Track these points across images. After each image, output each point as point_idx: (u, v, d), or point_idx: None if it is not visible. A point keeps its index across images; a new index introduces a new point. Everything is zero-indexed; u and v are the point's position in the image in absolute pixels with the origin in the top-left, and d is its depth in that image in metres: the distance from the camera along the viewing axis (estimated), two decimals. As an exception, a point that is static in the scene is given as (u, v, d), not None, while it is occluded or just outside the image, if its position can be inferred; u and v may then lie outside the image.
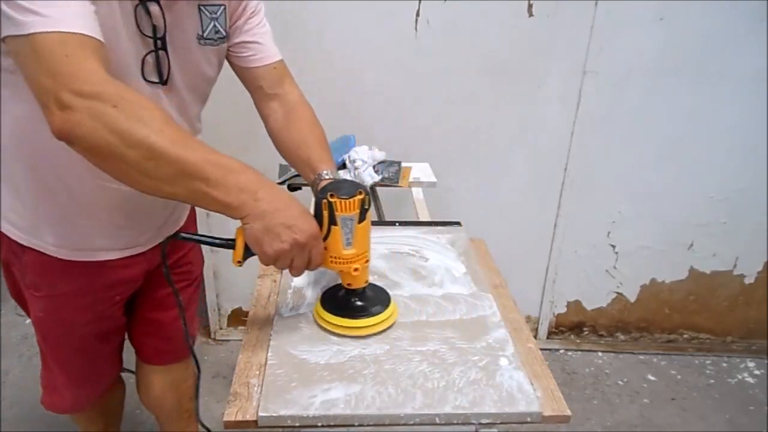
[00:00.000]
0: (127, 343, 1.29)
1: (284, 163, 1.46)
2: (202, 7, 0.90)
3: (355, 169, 1.45)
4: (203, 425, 1.10)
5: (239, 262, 0.80)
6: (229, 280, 2.09)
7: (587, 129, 1.87)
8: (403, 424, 0.72)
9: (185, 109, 0.96)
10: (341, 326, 0.86)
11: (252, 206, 0.73)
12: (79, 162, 0.81)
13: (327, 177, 0.94)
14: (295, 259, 0.78)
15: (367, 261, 0.84)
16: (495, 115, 1.85)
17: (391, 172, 1.50)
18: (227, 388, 0.77)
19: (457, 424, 0.72)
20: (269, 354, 0.81)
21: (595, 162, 1.91)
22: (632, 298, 2.17)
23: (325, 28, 1.71)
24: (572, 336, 2.24)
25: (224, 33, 0.95)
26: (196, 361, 1.02)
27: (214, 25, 0.93)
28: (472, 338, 0.85)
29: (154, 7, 0.82)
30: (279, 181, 1.46)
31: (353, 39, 1.73)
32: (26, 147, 0.88)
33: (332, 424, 0.71)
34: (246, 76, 1.04)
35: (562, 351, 2.19)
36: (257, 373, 0.78)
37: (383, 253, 1.10)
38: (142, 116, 0.68)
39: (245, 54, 1.01)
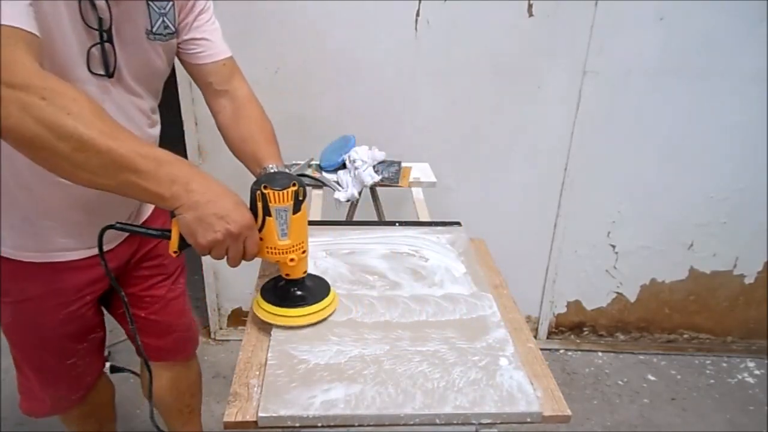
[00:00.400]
0: (128, 344, 1.29)
1: (284, 163, 1.46)
2: (150, 3, 0.91)
3: (355, 169, 1.45)
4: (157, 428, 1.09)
5: (175, 252, 0.80)
6: (229, 281, 2.09)
7: (587, 129, 1.87)
8: (403, 425, 0.72)
9: (136, 101, 0.97)
10: (279, 315, 0.87)
11: (184, 197, 0.74)
12: (27, 164, 0.81)
13: (272, 170, 0.95)
14: (230, 249, 0.79)
15: (305, 252, 0.86)
16: (495, 115, 1.85)
17: (391, 172, 1.50)
18: (227, 388, 0.77)
19: (457, 424, 0.72)
20: (269, 354, 0.81)
21: (595, 162, 1.91)
22: (632, 298, 2.17)
23: (326, 29, 1.71)
24: (572, 336, 2.24)
25: (173, 29, 0.96)
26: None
27: (163, 21, 0.94)
28: (472, 338, 0.85)
29: (100, 2, 0.83)
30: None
31: (353, 39, 1.73)
32: None
33: (332, 424, 0.71)
34: (196, 72, 1.05)
35: (562, 351, 2.19)
36: (257, 373, 0.78)
37: (383, 253, 1.10)
38: (71, 108, 0.68)
39: (194, 51, 1.02)
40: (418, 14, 1.71)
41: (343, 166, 1.50)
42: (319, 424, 0.71)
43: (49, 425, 1.74)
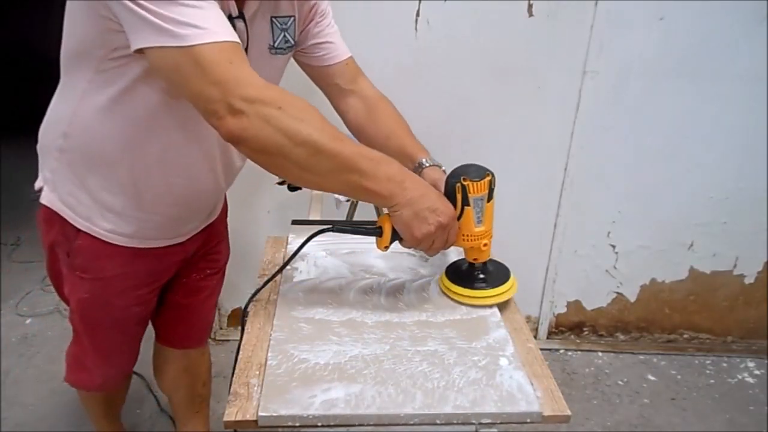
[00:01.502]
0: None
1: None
2: (273, 19, 0.95)
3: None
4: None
5: (386, 247, 0.87)
6: (229, 280, 2.08)
7: (587, 129, 1.86)
8: (403, 424, 0.72)
9: None
10: (467, 296, 0.92)
11: (400, 194, 0.81)
12: (154, 161, 0.93)
13: (428, 164, 1.00)
14: (437, 239, 0.85)
15: (492, 237, 0.91)
16: (495, 115, 1.85)
17: (391, 172, 1.50)
18: (227, 388, 0.77)
19: (457, 424, 0.72)
20: (269, 354, 0.81)
21: (595, 162, 1.91)
22: (632, 298, 2.17)
23: (325, 28, 1.70)
24: (572, 336, 2.24)
25: (293, 42, 1.01)
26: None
27: (284, 36, 0.99)
28: (472, 338, 0.85)
29: (240, 23, 0.87)
30: (279, 181, 1.46)
31: (353, 39, 1.71)
32: (101, 146, 0.93)
33: (332, 424, 0.71)
34: (320, 74, 1.10)
35: (562, 351, 2.19)
36: (257, 373, 0.78)
37: (383, 253, 1.10)
38: (304, 117, 0.75)
39: (319, 54, 1.07)
40: (418, 14, 1.71)
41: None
42: (319, 424, 0.71)
43: (49, 425, 1.74)
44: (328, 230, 0.90)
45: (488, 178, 0.89)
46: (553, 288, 2.14)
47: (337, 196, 1.43)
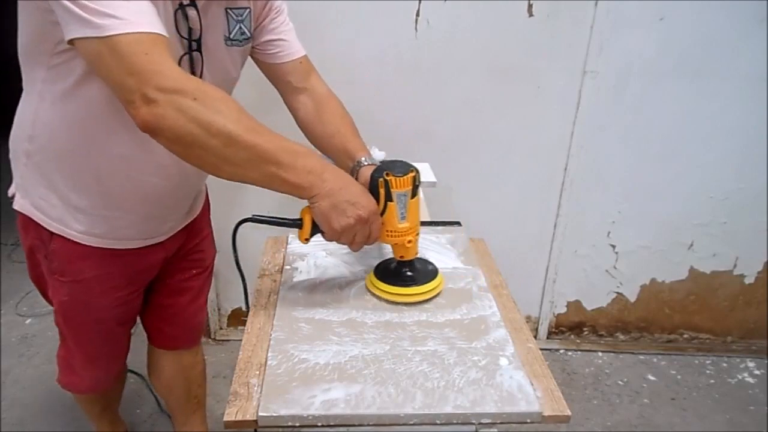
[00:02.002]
0: (135, 341, 1.31)
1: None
2: (228, 10, 0.96)
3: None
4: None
5: (306, 239, 0.88)
6: (229, 280, 2.09)
7: (587, 129, 1.86)
8: (403, 424, 0.72)
9: None
10: (394, 294, 0.93)
11: (319, 186, 0.81)
12: (115, 157, 0.92)
13: (366, 163, 0.99)
14: (358, 233, 0.86)
15: (418, 234, 0.92)
16: (495, 115, 1.85)
17: (391, 172, 1.50)
18: (227, 388, 0.77)
19: (457, 424, 0.72)
20: (269, 354, 0.81)
21: (595, 162, 1.91)
22: (632, 298, 2.17)
23: (325, 29, 1.71)
24: (572, 336, 2.24)
25: (249, 34, 1.01)
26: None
27: (240, 27, 0.98)
28: (472, 338, 0.85)
29: (192, 12, 0.87)
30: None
31: (353, 39, 1.73)
32: (63, 144, 0.93)
33: (332, 424, 0.71)
34: (274, 72, 1.10)
35: (562, 351, 2.19)
36: (257, 373, 0.78)
37: (383, 253, 1.10)
38: (220, 108, 0.75)
39: (273, 51, 1.07)
40: (418, 14, 1.71)
41: (343, 166, 1.50)
42: (319, 424, 0.71)
43: (49, 425, 1.74)
44: (247, 221, 0.90)
45: (412, 174, 0.89)
46: (553, 288, 2.14)
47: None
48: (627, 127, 1.87)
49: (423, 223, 1.23)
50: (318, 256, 1.09)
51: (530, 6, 1.70)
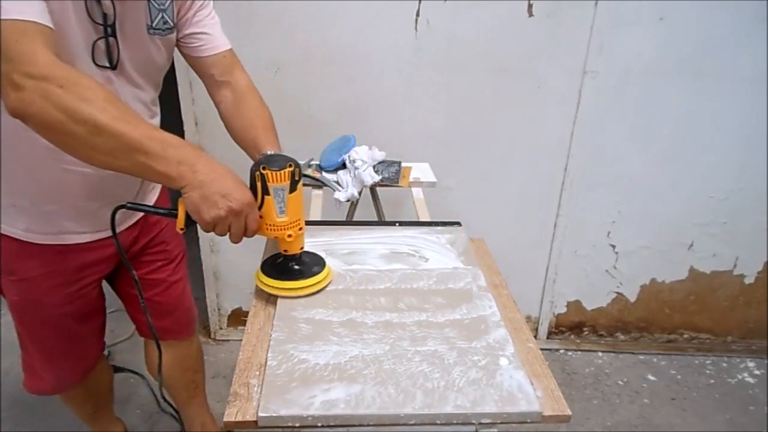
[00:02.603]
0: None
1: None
2: (150, 0, 0.96)
3: (355, 169, 1.44)
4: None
5: (182, 229, 0.87)
6: (229, 280, 2.09)
7: (587, 129, 1.86)
8: (403, 424, 0.72)
9: (138, 92, 1.02)
10: (279, 288, 0.94)
11: (190, 177, 0.80)
12: (42, 149, 0.90)
13: None
14: (232, 225, 0.85)
15: (301, 228, 0.93)
16: (495, 115, 1.85)
17: (391, 172, 1.50)
18: (227, 388, 0.77)
19: (457, 424, 0.72)
20: (269, 354, 0.81)
21: (595, 162, 1.91)
22: (632, 298, 2.17)
23: (325, 29, 1.71)
24: (572, 336, 2.24)
25: (171, 24, 1.01)
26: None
27: (162, 16, 0.99)
28: (472, 338, 0.85)
29: (105, 1, 0.88)
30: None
31: (353, 39, 1.73)
32: None
33: (332, 424, 0.71)
34: (198, 64, 1.10)
35: (562, 351, 2.19)
36: (257, 373, 0.78)
37: (383, 253, 1.10)
38: (87, 96, 0.75)
39: (196, 44, 1.07)
40: (418, 14, 1.71)
41: (343, 166, 1.50)
42: (319, 424, 0.71)
43: (49, 425, 1.74)
44: (122, 207, 0.89)
45: (289, 169, 0.88)
46: (553, 288, 2.14)
47: (336, 196, 1.43)
48: (627, 127, 1.87)
49: (423, 223, 1.24)
50: (318, 256, 1.09)
51: (530, 6, 1.70)
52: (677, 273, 2.12)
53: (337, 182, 1.47)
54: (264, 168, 0.87)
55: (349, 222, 1.48)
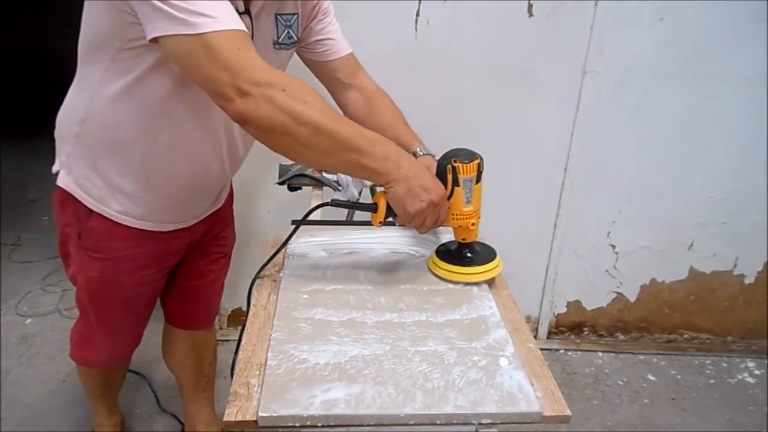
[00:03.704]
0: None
1: (285, 163, 1.47)
2: (278, 16, 1.02)
3: (355, 169, 1.44)
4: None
5: (381, 222, 0.94)
6: (229, 280, 2.08)
7: (587, 129, 1.86)
8: (404, 425, 0.72)
9: None
10: (456, 273, 0.98)
11: (396, 172, 0.86)
12: (164, 145, 1.00)
13: (421, 153, 1.05)
14: (428, 217, 0.91)
15: (479, 217, 0.97)
16: (495, 115, 1.85)
17: (391, 172, 1.50)
18: (227, 388, 0.77)
19: (457, 424, 0.72)
20: (269, 354, 0.81)
21: (595, 162, 1.91)
22: (632, 298, 2.17)
23: (325, 28, 1.70)
24: (572, 336, 2.24)
25: (295, 38, 1.07)
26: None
27: (288, 32, 1.04)
28: (472, 338, 0.85)
29: (245, 19, 0.92)
30: (279, 181, 1.46)
31: (353, 39, 1.71)
32: (115, 131, 0.99)
33: (332, 424, 0.71)
34: (323, 69, 1.16)
35: (562, 351, 2.19)
36: (257, 373, 0.78)
37: (383, 253, 1.10)
38: (306, 99, 0.81)
39: (322, 50, 1.14)
40: (418, 14, 1.71)
41: (343, 166, 1.50)
42: (320, 424, 0.71)
43: (49, 426, 1.74)
44: (327, 204, 0.97)
45: (477, 161, 0.94)
46: (553, 288, 2.14)
47: (336, 195, 1.43)
48: (627, 127, 1.87)
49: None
50: (318, 257, 1.09)
51: (530, 6, 1.70)
52: (677, 273, 2.12)
53: (337, 182, 1.47)
54: (455, 161, 0.92)
55: (349, 222, 1.48)
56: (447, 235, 1.18)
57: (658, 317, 2.20)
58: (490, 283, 1.01)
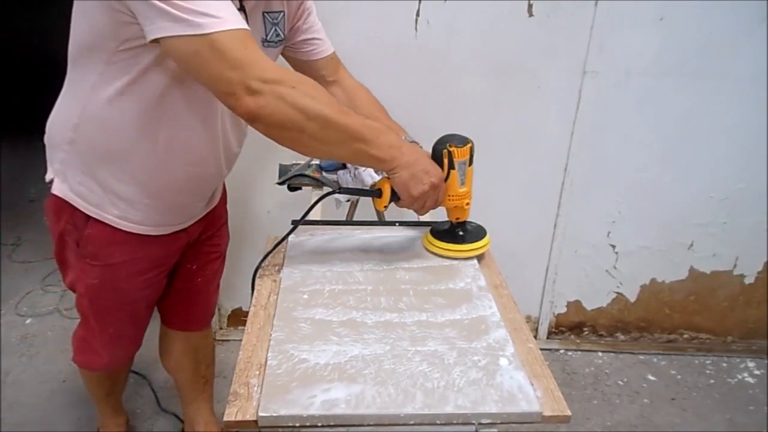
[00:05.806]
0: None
1: (284, 163, 1.47)
2: (265, 14, 1.02)
3: (355, 169, 1.44)
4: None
5: (385, 206, 0.98)
6: (229, 280, 2.08)
7: (587, 129, 1.86)
8: (404, 425, 0.72)
9: None
10: (450, 250, 1.05)
11: (399, 158, 0.92)
12: (163, 149, 0.99)
13: (407, 140, 1.07)
14: (429, 199, 0.96)
15: (471, 197, 1.04)
16: (495, 115, 1.85)
17: (391, 172, 1.50)
18: (227, 388, 0.77)
19: (457, 424, 0.72)
20: (269, 354, 0.81)
21: (595, 162, 1.91)
22: (632, 298, 2.17)
23: (325, 28, 1.70)
24: (572, 336, 2.24)
25: (283, 36, 1.09)
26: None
27: (275, 30, 1.06)
28: (472, 338, 0.85)
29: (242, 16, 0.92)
30: (279, 181, 1.47)
31: (353, 39, 1.72)
32: (111, 135, 0.98)
33: (332, 424, 0.71)
34: (308, 68, 1.18)
35: (562, 351, 2.19)
36: (257, 373, 0.78)
37: (383, 253, 1.10)
38: (314, 94, 0.84)
39: (308, 49, 1.16)
40: (418, 14, 1.71)
41: (343, 166, 1.50)
42: (320, 424, 0.71)
43: (49, 426, 1.74)
44: (334, 193, 1.02)
45: (470, 145, 1.01)
46: (553, 288, 2.14)
47: (337, 196, 1.43)
48: (627, 127, 1.87)
49: (423, 224, 1.25)
50: (318, 257, 1.09)
51: (530, 6, 1.70)
52: (677, 273, 2.12)
53: (337, 182, 1.47)
54: (450, 145, 0.99)
55: (349, 222, 1.48)
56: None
57: (658, 317, 2.20)
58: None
